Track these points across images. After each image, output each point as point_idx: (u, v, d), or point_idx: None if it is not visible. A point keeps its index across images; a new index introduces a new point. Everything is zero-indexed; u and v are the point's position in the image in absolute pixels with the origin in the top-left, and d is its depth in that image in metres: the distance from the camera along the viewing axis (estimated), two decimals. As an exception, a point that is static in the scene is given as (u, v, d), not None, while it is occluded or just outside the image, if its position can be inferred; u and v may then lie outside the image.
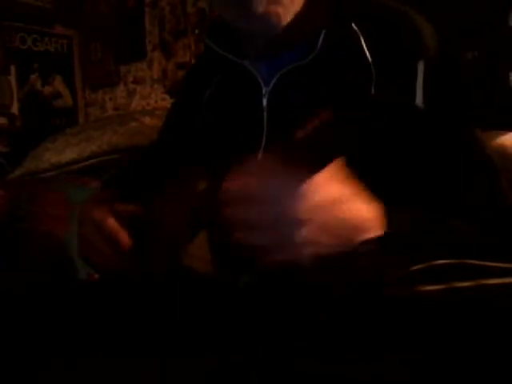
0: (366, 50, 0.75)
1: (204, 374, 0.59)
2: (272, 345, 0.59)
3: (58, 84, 2.98)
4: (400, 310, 0.55)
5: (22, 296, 0.77)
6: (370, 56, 0.75)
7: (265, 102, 0.82)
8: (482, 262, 0.56)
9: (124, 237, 0.77)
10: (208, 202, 0.70)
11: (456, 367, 0.50)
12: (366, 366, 0.52)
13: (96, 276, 0.86)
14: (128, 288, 0.78)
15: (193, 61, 2.47)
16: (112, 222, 0.78)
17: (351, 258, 0.65)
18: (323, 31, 0.78)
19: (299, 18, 0.80)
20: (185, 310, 0.70)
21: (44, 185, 1.70)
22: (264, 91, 0.82)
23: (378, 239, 0.57)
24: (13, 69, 2.78)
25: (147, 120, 1.98)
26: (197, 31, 2.48)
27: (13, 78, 2.78)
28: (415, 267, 0.57)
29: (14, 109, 2.78)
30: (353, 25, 0.77)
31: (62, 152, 1.96)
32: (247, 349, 0.60)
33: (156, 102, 2.71)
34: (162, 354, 0.62)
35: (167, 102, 2.63)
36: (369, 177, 0.62)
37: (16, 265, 1.41)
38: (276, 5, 0.78)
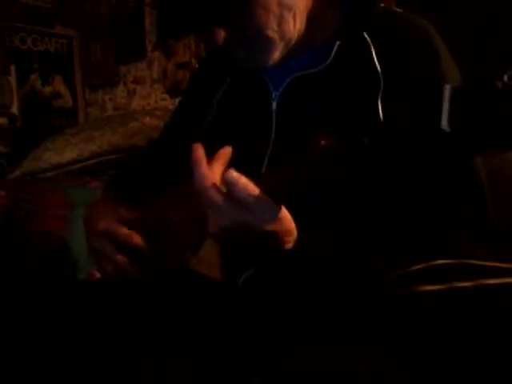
0: (375, 59, 0.75)
1: (203, 374, 0.59)
2: (271, 344, 0.59)
3: (58, 84, 2.98)
4: (400, 309, 0.55)
5: (22, 296, 0.77)
6: (380, 66, 0.74)
7: (274, 105, 0.82)
8: (482, 262, 0.56)
9: (138, 240, 0.77)
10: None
11: (455, 366, 0.50)
12: (365, 365, 0.53)
13: (96, 276, 0.86)
14: (129, 290, 0.78)
15: (193, 61, 2.47)
16: (123, 230, 0.78)
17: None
18: (337, 43, 0.77)
19: (310, 27, 0.80)
20: (189, 313, 0.70)
21: (44, 185, 1.69)
22: (273, 95, 0.82)
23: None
24: (13, 69, 2.78)
25: (147, 120, 1.98)
26: (197, 31, 2.47)
27: (13, 78, 2.78)
28: (415, 267, 0.57)
29: (14, 109, 2.78)
30: (364, 34, 0.77)
31: (62, 152, 1.96)
32: (246, 348, 0.60)
33: (156, 102, 2.71)
34: (162, 354, 0.62)
35: (167, 101, 2.63)
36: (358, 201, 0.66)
37: (16, 265, 1.41)
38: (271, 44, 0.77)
